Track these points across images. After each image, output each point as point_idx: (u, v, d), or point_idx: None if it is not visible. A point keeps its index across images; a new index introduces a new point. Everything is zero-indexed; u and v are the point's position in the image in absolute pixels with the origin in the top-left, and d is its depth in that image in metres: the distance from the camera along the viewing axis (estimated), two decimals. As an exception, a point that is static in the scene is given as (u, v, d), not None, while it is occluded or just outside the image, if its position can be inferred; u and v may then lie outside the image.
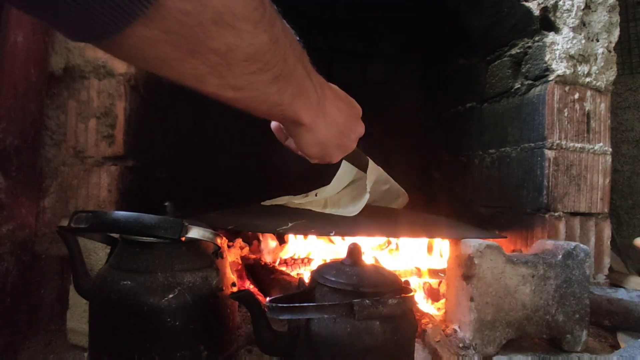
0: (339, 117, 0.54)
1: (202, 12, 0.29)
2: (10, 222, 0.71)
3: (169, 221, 0.51)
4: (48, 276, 0.80)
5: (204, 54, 0.32)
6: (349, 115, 0.57)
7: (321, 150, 0.56)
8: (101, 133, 0.82)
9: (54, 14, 0.26)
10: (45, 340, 0.74)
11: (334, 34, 1.54)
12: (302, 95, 0.45)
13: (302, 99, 0.45)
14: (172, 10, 0.28)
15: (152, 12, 0.27)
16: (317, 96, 0.48)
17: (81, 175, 0.82)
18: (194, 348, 0.53)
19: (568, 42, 0.90)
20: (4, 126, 0.69)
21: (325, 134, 0.53)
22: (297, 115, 0.47)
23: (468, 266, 0.69)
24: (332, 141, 0.55)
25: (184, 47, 0.31)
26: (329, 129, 0.53)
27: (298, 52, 0.42)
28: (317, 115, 0.50)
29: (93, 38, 0.28)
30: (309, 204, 0.90)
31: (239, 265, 0.92)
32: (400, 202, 0.99)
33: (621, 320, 0.78)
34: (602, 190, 0.93)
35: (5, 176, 0.70)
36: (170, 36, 0.29)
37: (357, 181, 0.91)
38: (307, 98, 0.46)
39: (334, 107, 0.53)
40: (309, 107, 0.47)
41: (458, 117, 1.28)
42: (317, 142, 0.53)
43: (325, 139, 0.54)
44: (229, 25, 0.31)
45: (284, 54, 0.38)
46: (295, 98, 0.44)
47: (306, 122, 0.49)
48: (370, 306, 0.47)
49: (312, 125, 0.50)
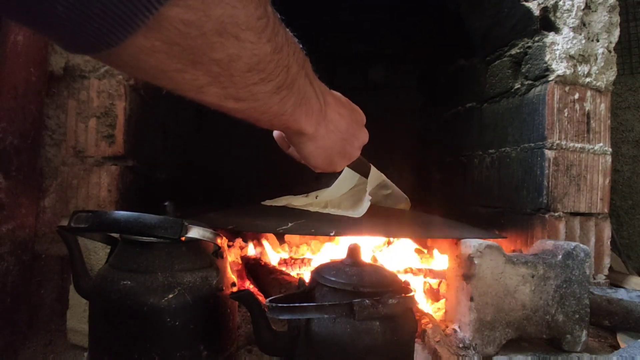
0: (341, 125, 0.53)
1: (205, 22, 0.28)
2: (10, 222, 0.71)
3: (169, 221, 0.51)
4: (48, 276, 0.80)
5: (205, 65, 0.31)
6: (351, 122, 0.55)
7: (324, 159, 0.54)
8: (101, 133, 0.83)
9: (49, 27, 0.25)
10: (45, 340, 0.74)
11: (335, 37, 1.54)
12: (305, 104, 0.44)
13: (304, 108, 0.44)
14: (174, 20, 0.27)
15: (152, 23, 0.26)
16: (320, 104, 0.47)
17: (81, 175, 0.82)
18: (194, 348, 0.53)
19: (568, 42, 0.90)
20: (4, 126, 0.69)
21: (328, 142, 0.52)
22: (299, 124, 0.46)
23: (468, 266, 0.69)
24: (335, 149, 0.54)
25: (185, 58, 0.30)
26: (331, 137, 0.52)
27: (301, 60, 0.41)
28: (320, 124, 0.49)
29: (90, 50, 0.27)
30: (309, 206, 0.90)
31: (239, 265, 0.93)
32: (402, 208, 0.99)
33: (621, 320, 0.78)
34: (602, 190, 0.93)
35: (5, 176, 0.70)
36: (171, 47, 0.28)
37: (358, 186, 0.91)
38: (309, 107, 0.45)
39: (336, 114, 0.52)
40: (311, 116, 0.47)
41: (458, 118, 1.28)
42: (320, 151, 0.52)
43: (328, 147, 0.53)
44: (232, 36, 0.30)
45: (287, 63, 0.37)
46: (298, 107, 0.43)
47: (308, 131, 0.48)
48: (370, 306, 0.47)
49: (314, 134, 0.49)
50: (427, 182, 1.51)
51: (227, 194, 1.53)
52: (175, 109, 1.24)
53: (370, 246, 1.06)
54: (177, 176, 1.28)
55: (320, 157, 0.54)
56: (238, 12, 0.30)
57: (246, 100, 0.37)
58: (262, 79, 0.36)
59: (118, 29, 0.25)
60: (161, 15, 0.26)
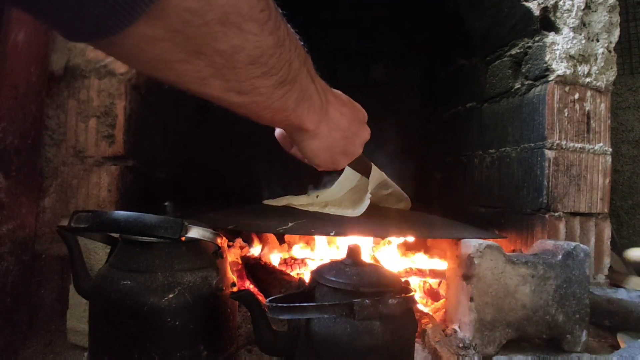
0: (343, 122, 0.53)
1: (209, 10, 0.28)
2: (10, 222, 0.71)
3: (169, 221, 0.51)
4: (48, 276, 0.80)
5: (208, 55, 0.31)
6: (353, 120, 0.56)
7: (327, 157, 0.55)
8: (101, 133, 0.82)
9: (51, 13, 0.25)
10: (45, 340, 0.74)
11: (336, 35, 1.54)
12: (306, 100, 0.44)
13: (306, 104, 0.44)
14: (177, 8, 0.26)
15: (155, 10, 0.26)
16: (321, 101, 0.48)
17: (81, 175, 0.82)
18: (194, 348, 0.53)
19: (568, 42, 0.90)
20: (4, 126, 0.69)
21: (330, 140, 0.52)
22: (301, 121, 0.46)
23: (468, 266, 0.69)
24: (338, 147, 0.54)
25: (188, 47, 0.29)
26: (333, 134, 0.52)
27: (302, 56, 0.41)
28: (321, 121, 0.49)
29: (92, 37, 0.27)
30: (309, 205, 0.90)
31: (239, 265, 0.92)
32: (403, 207, 0.99)
33: (621, 320, 0.78)
34: (602, 190, 0.93)
35: (5, 176, 0.70)
36: (174, 35, 0.28)
37: (359, 186, 0.90)
38: (311, 103, 0.45)
39: (338, 112, 0.52)
40: (313, 113, 0.47)
41: (458, 117, 1.28)
42: (322, 148, 0.52)
43: (330, 145, 0.53)
44: (235, 26, 0.30)
45: (289, 58, 0.37)
46: (300, 103, 0.43)
47: (310, 128, 0.48)
48: (370, 306, 0.47)
49: (316, 131, 0.49)
50: (427, 182, 1.51)
51: (228, 193, 1.53)
52: (176, 105, 1.24)
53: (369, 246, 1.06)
54: (177, 175, 1.27)
55: (323, 154, 0.54)
56: (241, 3, 0.30)
57: (249, 93, 0.37)
58: (264, 72, 0.36)
59: (120, 16, 0.25)
60: (164, 1, 0.26)
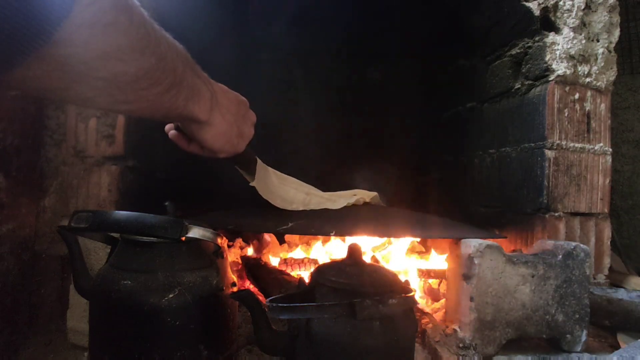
0: (232, 108, 0.57)
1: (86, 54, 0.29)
2: (11, 222, 0.71)
3: (169, 221, 0.51)
4: (48, 276, 0.80)
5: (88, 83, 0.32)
6: (239, 104, 0.59)
7: (225, 142, 0.57)
8: (101, 133, 0.82)
9: None
10: (46, 339, 0.74)
11: (335, 34, 1.54)
12: (195, 95, 0.47)
13: (195, 99, 0.47)
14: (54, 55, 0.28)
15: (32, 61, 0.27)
16: (210, 92, 0.50)
17: (81, 175, 0.82)
18: (194, 348, 0.53)
19: (568, 42, 0.90)
20: (4, 126, 0.69)
21: (225, 125, 0.55)
22: (193, 114, 0.48)
23: (468, 266, 0.69)
24: (232, 131, 0.57)
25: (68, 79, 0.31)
26: (226, 119, 0.55)
27: (184, 58, 0.43)
28: (213, 109, 0.52)
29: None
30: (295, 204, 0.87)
31: (239, 265, 0.93)
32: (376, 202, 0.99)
33: (621, 320, 0.78)
34: (602, 190, 0.93)
35: (5, 176, 0.70)
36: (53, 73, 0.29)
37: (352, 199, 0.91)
38: (200, 96, 0.48)
39: (225, 98, 0.56)
40: (204, 103, 0.49)
41: (458, 117, 1.28)
42: (219, 134, 0.55)
43: (226, 130, 0.56)
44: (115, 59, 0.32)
45: (172, 66, 0.39)
46: (190, 100, 0.45)
47: (204, 118, 0.50)
48: (370, 306, 0.47)
49: (210, 120, 0.52)
50: (427, 182, 1.51)
51: (228, 192, 1.53)
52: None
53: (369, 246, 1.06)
54: (177, 175, 1.27)
55: (221, 140, 0.56)
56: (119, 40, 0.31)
57: (137, 102, 0.38)
58: (150, 84, 0.37)
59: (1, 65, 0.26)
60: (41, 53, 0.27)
